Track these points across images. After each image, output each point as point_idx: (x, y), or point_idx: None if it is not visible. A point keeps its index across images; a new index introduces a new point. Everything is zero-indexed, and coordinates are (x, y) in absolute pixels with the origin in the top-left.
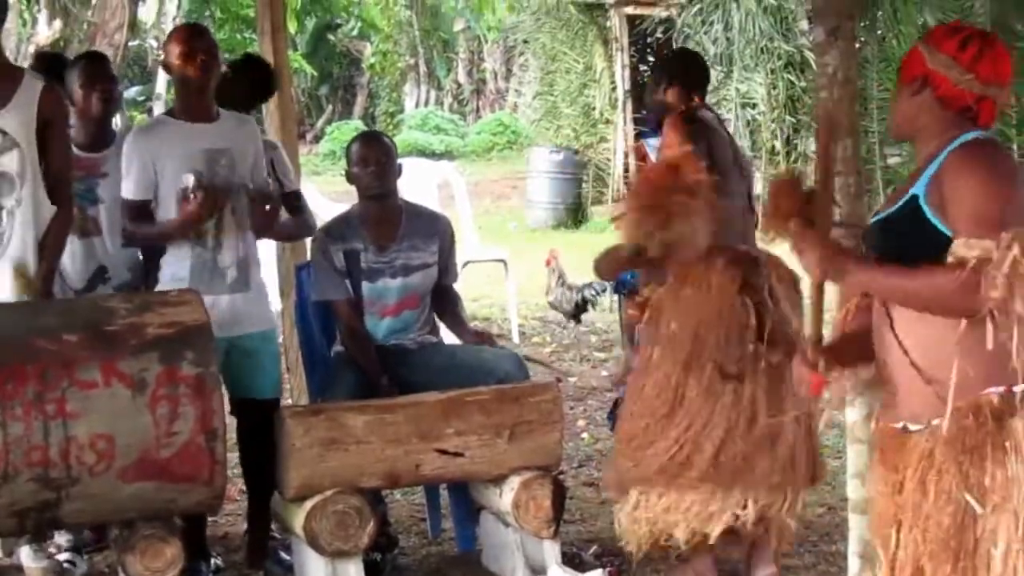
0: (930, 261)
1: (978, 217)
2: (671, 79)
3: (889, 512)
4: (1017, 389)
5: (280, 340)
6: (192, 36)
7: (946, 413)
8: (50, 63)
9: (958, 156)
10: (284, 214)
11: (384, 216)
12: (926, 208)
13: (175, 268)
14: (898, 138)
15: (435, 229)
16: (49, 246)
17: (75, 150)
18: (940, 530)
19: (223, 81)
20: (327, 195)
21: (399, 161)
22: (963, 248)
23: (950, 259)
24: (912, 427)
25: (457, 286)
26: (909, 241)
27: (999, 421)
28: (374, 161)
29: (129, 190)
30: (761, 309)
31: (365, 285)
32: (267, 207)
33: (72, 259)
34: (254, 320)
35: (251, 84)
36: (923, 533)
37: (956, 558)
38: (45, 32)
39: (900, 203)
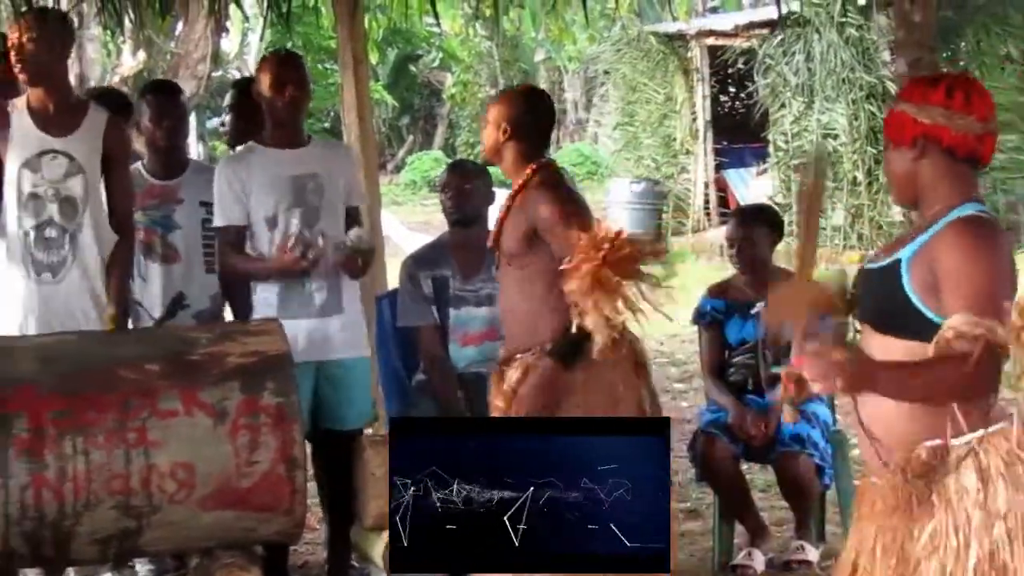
0: (902, 334)
1: (980, 296)
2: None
3: (848, 557)
4: (955, 442)
5: None
6: (282, 67)
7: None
8: (105, 99)
9: (951, 234)
10: None
11: (471, 244)
12: (906, 279)
13: (266, 293)
14: (903, 203)
15: None
16: (115, 278)
17: (150, 178)
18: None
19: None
20: (407, 225)
21: (492, 190)
22: (965, 324)
23: (948, 333)
24: (873, 480)
25: None
26: (885, 307)
27: (928, 476)
28: (453, 187)
29: (220, 217)
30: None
31: (450, 312)
32: (357, 260)
33: (151, 285)
34: (345, 346)
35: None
36: None
37: None
38: (129, 63)
39: (886, 262)
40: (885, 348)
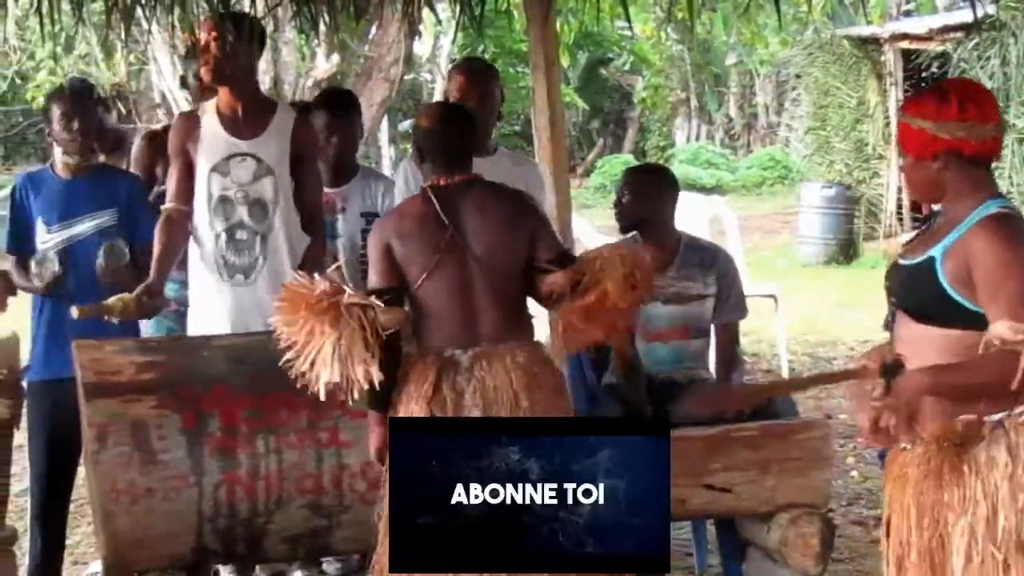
0: (940, 322)
1: (1018, 300)
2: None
3: (890, 518)
4: (990, 419)
5: None
6: (465, 77)
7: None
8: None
9: (984, 233)
10: None
11: (659, 246)
12: (941, 273)
13: None
14: (927, 202)
15: (714, 262)
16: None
17: None
18: (914, 535)
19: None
20: (597, 228)
21: (674, 190)
22: (1008, 332)
23: (994, 340)
24: (905, 447)
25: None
26: (922, 300)
27: (961, 447)
28: (623, 194)
29: None
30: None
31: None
32: None
33: None
34: None
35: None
36: (904, 536)
37: (931, 564)
38: (323, 66)
39: (919, 259)
40: (925, 335)
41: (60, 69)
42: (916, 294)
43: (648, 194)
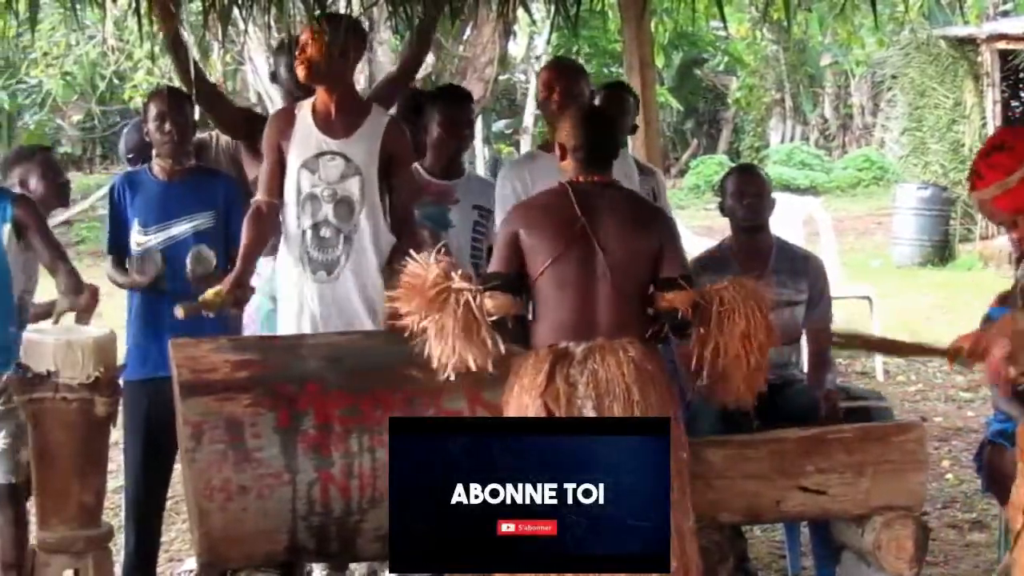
0: None
1: None
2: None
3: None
4: None
5: None
6: (551, 75)
7: None
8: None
9: None
10: None
11: (755, 249)
12: None
13: None
14: None
15: (805, 269)
16: (396, 279)
17: (428, 177)
18: None
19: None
20: (691, 229)
21: (772, 196)
22: None
23: None
24: None
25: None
26: None
27: None
28: (752, 194)
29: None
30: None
31: None
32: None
33: None
34: None
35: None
36: None
37: None
38: None
39: None
40: None
41: (158, 69)
42: None
43: (765, 195)
